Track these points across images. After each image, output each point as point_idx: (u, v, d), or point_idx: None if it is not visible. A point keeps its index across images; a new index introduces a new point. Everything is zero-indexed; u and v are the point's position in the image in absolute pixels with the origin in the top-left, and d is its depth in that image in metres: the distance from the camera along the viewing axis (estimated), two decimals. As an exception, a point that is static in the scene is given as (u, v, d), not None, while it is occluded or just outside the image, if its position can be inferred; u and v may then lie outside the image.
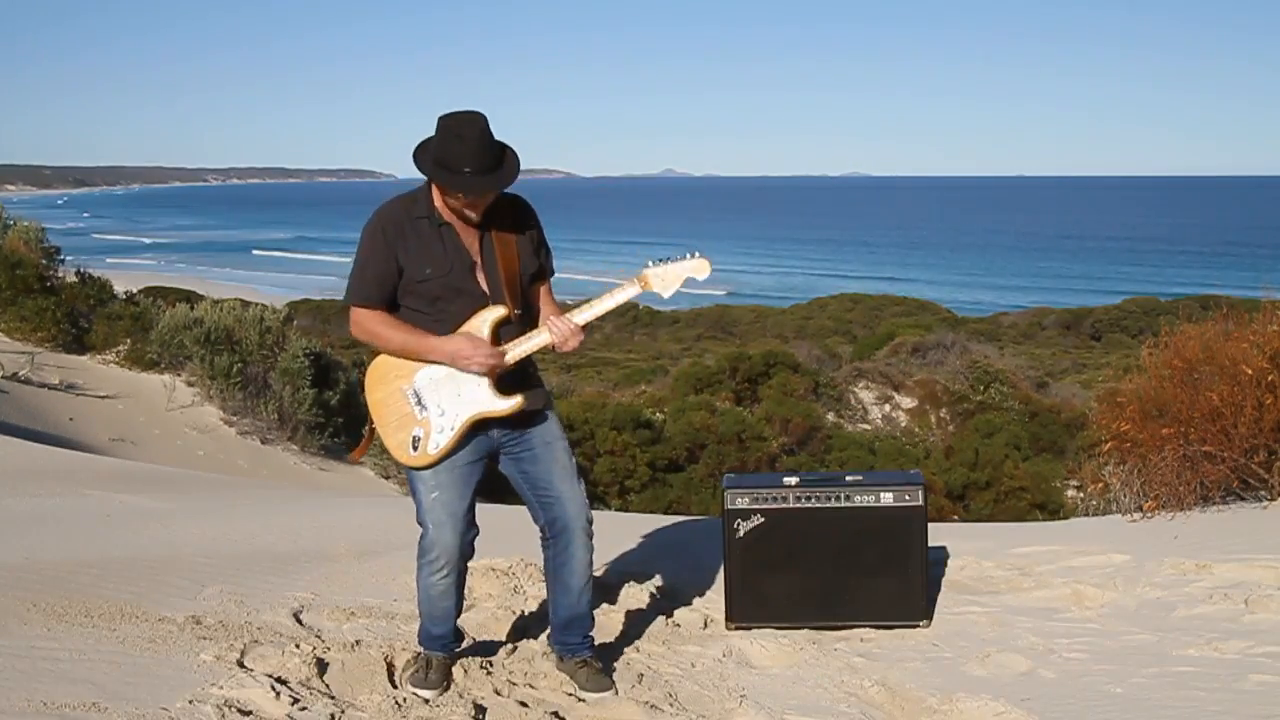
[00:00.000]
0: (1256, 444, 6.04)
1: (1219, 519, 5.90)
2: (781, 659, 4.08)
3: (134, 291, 16.53)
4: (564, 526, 3.63)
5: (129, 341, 13.54)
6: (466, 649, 3.91)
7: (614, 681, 3.70)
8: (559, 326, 3.49)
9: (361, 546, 5.63)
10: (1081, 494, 10.60)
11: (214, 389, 12.59)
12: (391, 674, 3.70)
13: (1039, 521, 10.24)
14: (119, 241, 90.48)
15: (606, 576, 4.83)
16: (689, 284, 3.59)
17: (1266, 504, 6.03)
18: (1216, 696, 3.63)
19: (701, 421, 15.50)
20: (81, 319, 13.84)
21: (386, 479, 12.18)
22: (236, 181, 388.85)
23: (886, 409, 19.67)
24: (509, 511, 5.59)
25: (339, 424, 12.94)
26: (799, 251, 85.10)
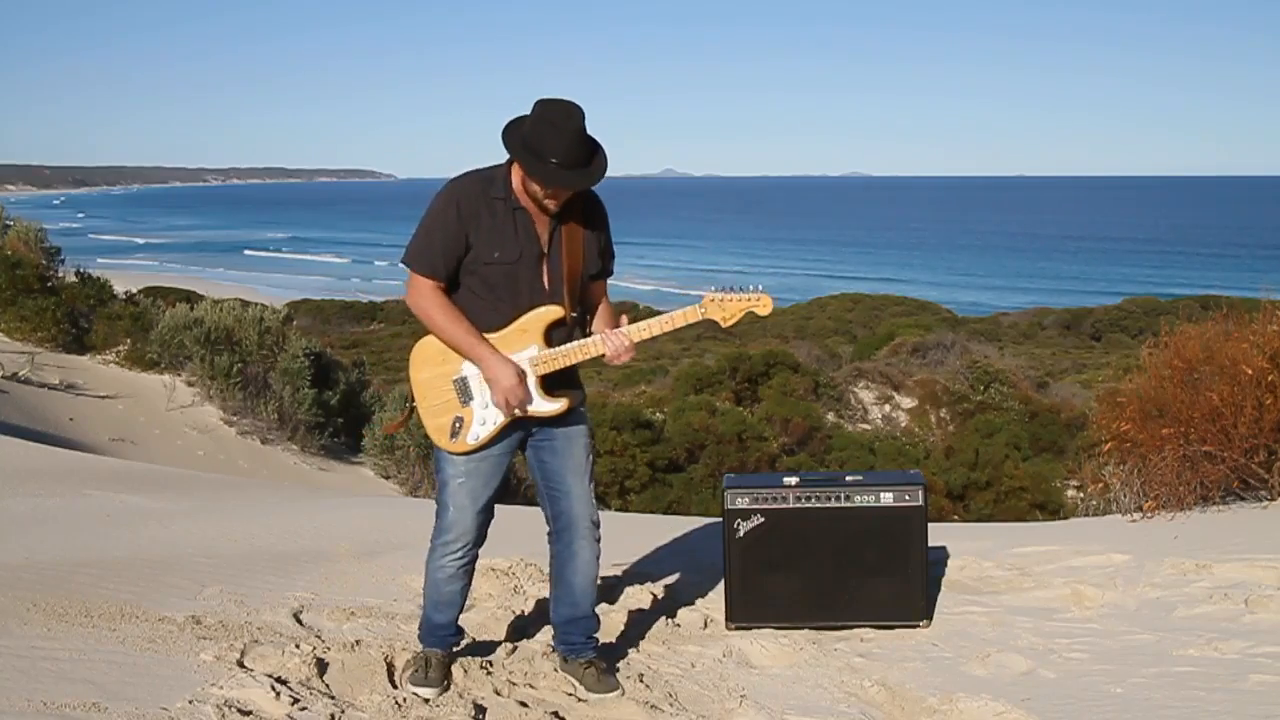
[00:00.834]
0: (1256, 444, 6.05)
1: (1219, 519, 5.90)
2: (781, 659, 4.08)
3: (134, 291, 16.50)
4: (569, 522, 3.64)
5: (129, 341, 13.53)
6: (466, 649, 3.91)
7: (620, 683, 3.69)
8: (614, 341, 3.46)
9: (361, 546, 5.63)
10: (1081, 494, 10.60)
11: (214, 389, 12.58)
12: (391, 674, 3.70)
13: (1039, 521, 10.24)
14: (114, 242, 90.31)
15: (606, 576, 4.84)
16: (748, 318, 3.56)
17: (1266, 504, 6.03)
18: (1216, 696, 3.63)
19: (701, 422, 15.50)
20: (81, 319, 13.83)
21: (386, 479, 12.18)
22: (236, 182, 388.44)
23: (886, 409, 19.67)
24: (509, 512, 5.58)
25: (339, 424, 12.95)
26: (799, 251, 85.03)
